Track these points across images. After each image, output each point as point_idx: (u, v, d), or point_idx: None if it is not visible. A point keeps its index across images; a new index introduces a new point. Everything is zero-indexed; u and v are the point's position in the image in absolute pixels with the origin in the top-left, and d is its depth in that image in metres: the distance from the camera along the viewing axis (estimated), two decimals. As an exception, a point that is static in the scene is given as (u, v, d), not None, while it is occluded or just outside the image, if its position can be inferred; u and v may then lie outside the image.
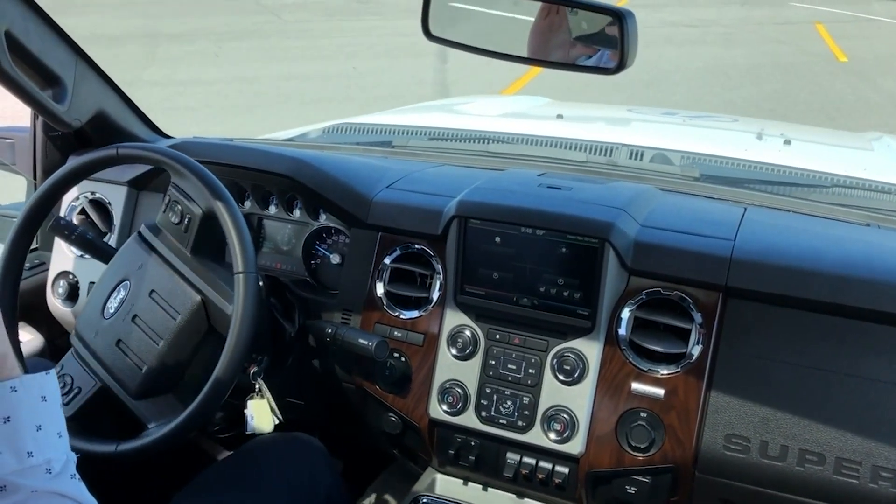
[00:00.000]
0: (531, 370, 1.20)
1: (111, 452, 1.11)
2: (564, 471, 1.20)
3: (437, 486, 1.33)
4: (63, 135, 1.53)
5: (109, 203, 1.52)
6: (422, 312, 1.28)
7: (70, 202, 1.54)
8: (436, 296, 1.27)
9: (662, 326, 1.16)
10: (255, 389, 1.24)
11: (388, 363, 1.27)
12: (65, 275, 1.52)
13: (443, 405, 1.24)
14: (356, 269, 1.33)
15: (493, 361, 1.22)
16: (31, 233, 1.28)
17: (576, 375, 1.17)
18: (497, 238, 1.19)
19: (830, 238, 1.24)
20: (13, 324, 1.27)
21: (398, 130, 2.10)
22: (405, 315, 1.29)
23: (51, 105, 1.35)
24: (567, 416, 1.17)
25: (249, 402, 1.23)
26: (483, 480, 1.30)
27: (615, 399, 1.15)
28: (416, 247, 1.30)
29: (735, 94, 6.89)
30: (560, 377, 1.18)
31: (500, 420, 1.21)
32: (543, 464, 1.21)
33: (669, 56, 8.22)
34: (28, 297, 1.48)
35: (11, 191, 1.97)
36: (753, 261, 1.13)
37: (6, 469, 0.64)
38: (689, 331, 1.14)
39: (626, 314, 1.17)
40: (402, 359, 1.27)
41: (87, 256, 1.44)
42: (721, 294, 1.13)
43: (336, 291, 1.37)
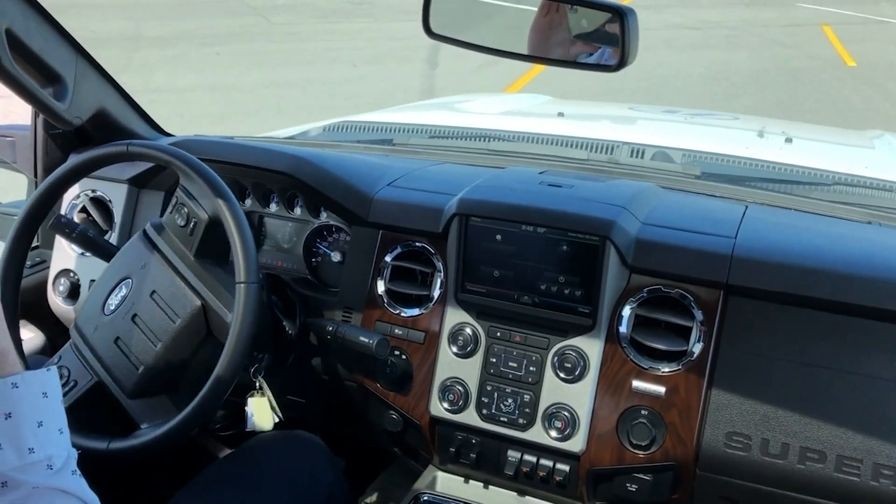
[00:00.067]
0: (532, 368, 1.20)
1: (102, 449, 1.11)
2: (565, 468, 1.20)
3: (438, 484, 1.33)
4: (64, 133, 1.53)
5: (110, 201, 1.52)
6: (423, 310, 1.28)
7: (71, 200, 1.55)
8: (437, 293, 1.27)
9: (663, 324, 1.16)
10: (256, 387, 1.24)
11: (389, 361, 1.27)
12: (66, 273, 1.53)
13: (444, 403, 1.24)
14: (357, 267, 1.33)
15: (494, 359, 1.22)
16: (32, 231, 1.28)
17: (577, 373, 1.17)
18: (498, 236, 1.19)
19: (832, 236, 1.24)
20: (14, 321, 1.27)
21: (399, 128, 2.10)
22: (406, 313, 1.29)
23: (51, 103, 1.35)
24: (568, 414, 1.17)
25: (250, 400, 1.24)
26: (484, 478, 1.30)
27: (616, 397, 1.15)
28: (417, 244, 1.30)
29: (738, 103, 6.71)
30: (561, 375, 1.18)
31: (501, 418, 1.21)
32: (544, 461, 1.21)
33: (670, 61, 7.94)
34: (29, 295, 1.48)
35: (12, 189, 1.97)
36: (754, 258, 1.13)
37: (7, 465, 0.64)
38: (690, 328, 1.14)
39: (627, 312, 1.17)
40: (403, 356, 1.27)
41: (88, 254, 1.44)
42: (722, 292, 1.13)
43: (337, 289, 1.37)
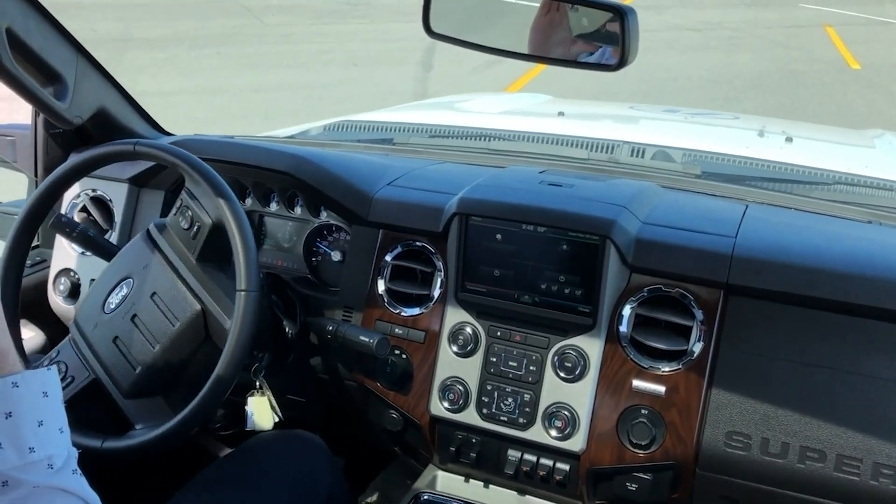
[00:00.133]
0: (532, 367, 1.20)
1: (97, 447, 1.11)
2: (565, 468, 1.20)
3: (439, 483, 1.33)
4: (64, 132, 1.53)
5: (110, 200, 1.52)
6: (423, 310, 1.28)
7: (71, 199, 1.55)
8: (437, 293, 1.27)
9: (664, 323, 1.16)
10: (256, 386, 1.24)
11: (390, 360, 1.27)
12: (66, 272, 1.53)
13: (444, 402, 1.24)
14: (357, 267, 1.33)
15: (494, 358, 1.22)
16: (33, 230, 1.28)
17: (577, 372, 1.17)
18: (498, 235, 1.19)
19: (832, 235, 1.24)
20: (15, 321, 1.27)
21: (399, 128, 2.10)
22: (406, 312, 1.29)
23: (52, 102, 1.35)
24: (568, 413, 1.17)
25: (250, 399, 1.24)
26: (484, 477, 1.30)
27: (616, 396, 1.15)
28: (418, 244, 1.30)
29: (738, 107, 6.56)
30: (561, 374, 1.18)
31: (502, 417, 1.21)
32: (544, 461, 1.21)
33: (670, 63, 7.78)
34: (29, 295, 1.48)
35: (12, 189, 1.97)
36: (755, 258, 1.13)
37: (8, 464, 0.64)
38: (691, 328, 1.14)
39: (628, 311, 1.17)
40: (404, 356, 1.28)
41: (89, 254, 1.44)
42: (722, 291, 1.13)
43: (337, 289, 1.37)
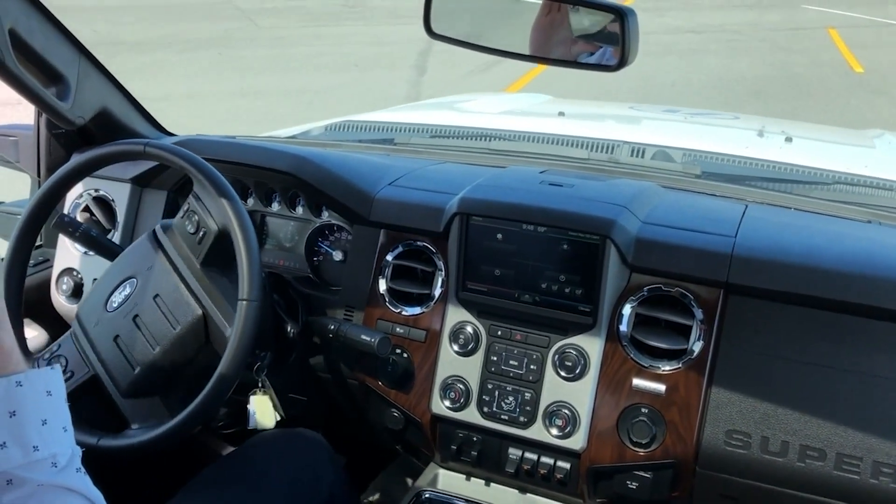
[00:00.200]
0: (533, 366, 1.20)
1: (92, 444, 1.11)
2: (566, 466, 1.20)
3: (440, 482, 1.33)
4: (67, 132, 1.53)
5: (113, 200, 1.52)
6: (424, 309, 1.28)
7: (74, 199, 1.55)
8: (438, 292, 1.28)
9: (664, 323, 1.16)
10: (258, 385, 1.25)
11: (391, 359, 1.27)
12: (69, 272, 1.53)
13: (445, 401, 1.24)
14: (359, 266, 1.34)
15: (495, 357, 1.22)
16: (36, 230, 1.28)
17: (577, 371, 1.17)
18: (499, 235, 1.20)
19: (831, 235, 1.24)
20: (18, 320, 1.27)
21: (400, 128, 2.11)
22: (407, 311, 1.29)
23: (54, 102, 1.35)
24: (568, 412, 1.17)
25: (252, 398, 1.24)
26: (485, 476, 1.31)
27: (616, 395, 1.16)
28: (419, 243, 1.30)
29: (739, 113, 6.52)
30: (561, 373, 1.19)
31: (502, 416, 1.22)
32: (545, 459, 1.21)
33: (669, 67, 7.59)
34: (32, 294, 1.49)
35: (18, 189, 1.97)
36: (754, 257, 1.13)
37: (12, 463, 0.65)
38: (691, 327, 1.14)
39: (628, 310, 1.17)
40: (405, 355, 1.28)
41: (92, 253, 1.45)
42: (722, 290, 1.13)
43: (338, 288, 1.37)
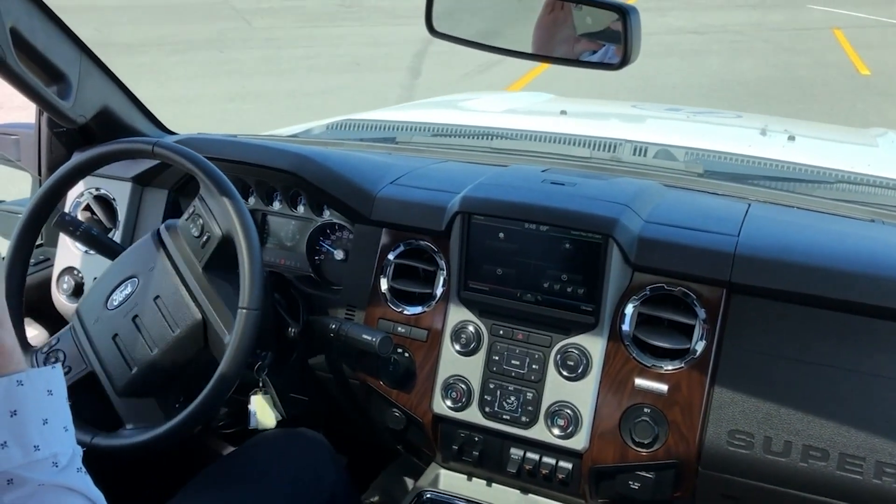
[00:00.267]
0: (535, 366, 1.20)
1: (86, 442, 1.11)
2: (568, 466, 1.20)
3: (441, 482, 1.33)
4: (68, 131, 1.53)
5: (114, 199, 1.52)
6: (425, 308, 1.28)
7: (75, 198, 1.55)
8: (439, 292, 1.27)
9: (666, 322, 1.16)
10: (259, 385, 1.25)
11: (392, 359, 1.27)
12: (70, 271, 1.53)
13: (446, 401, 1.24)
14: (360, 265, 1.33)
15: (497, 357, 1.22)
16: (37, 229, 1.28)
17: (579, 371, 1.17)
18: (501, 234, 1.20)
19: (834, 234, 1.23)
20: (19, 319, 1.27)
21: (402, 127, 2.11)
22: (409, 311, 1.29)
23: (56, 101, 1.35)
24: (570, 412, 1.17)
25: (253, 398, 1.24)
26: (487, 476, 1.31)
27: (619, 395, 1.15)
28: (420, 243, 1.30)
29: None
30: (563, 373, 1.18)
31: (504, 416, 1.21)
32: (547, 459, 1.21)
33: (670, 69, 7.46)
34: (33, 293, 1.49)
35: (16, 187, 1.97)
36: (757, 257, 1.13)
37: (13, 462, 0.64)
38: (693, 327, 1.14)
39: (630, 310, 1.17)
40: (406, 354, 1.28)
41: (92, 252, 1.45)
42: (725, 290, 1.13)
43: (340, 287, 1.37)
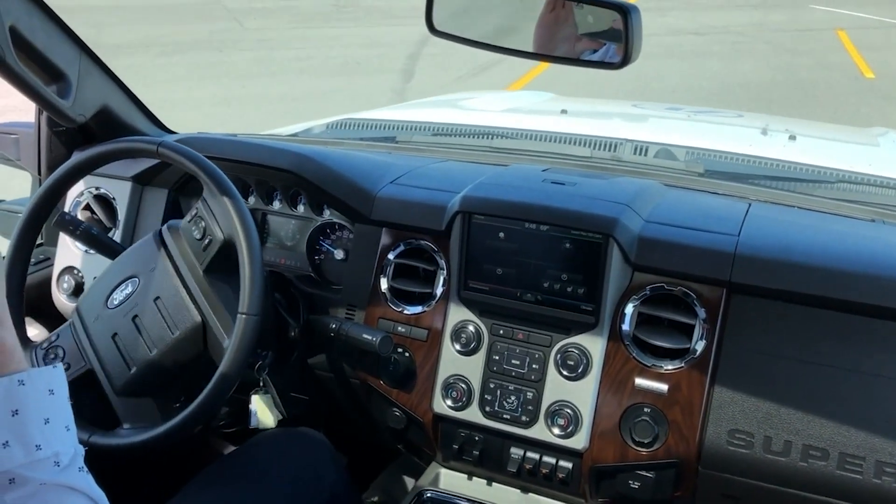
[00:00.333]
0: (535, 365, 1.20)
1: (83, 440, 1.11)
2: (568, 465, 1.20)
3: (441, 481, 1.33)
4: (67, 130, 1.53)
5: (114, 198, 1.52)
6: (426, 308, 1.28)
7: (75, 198, 1.55)
8: (439, 291, 1.27)
9: (666, 322, 1.16)
10: (260, 384, 1.25)
11: (392, 358, 1.27)
12: (70, 270, 1.53)
13: (447, 400, 1.24)
14: (360, 265, 1.33)
15: (497, 357, 1.22)
16: (37, 228, 1.28)
17: (579, 371, 1.17)
18: (501, 233, 1.20)
19: (835, 234, 1.23)
20: (20, 318, 1.27)
21: (402, 126, 2.11)
22: (409, 310, 1.29)
23: (55, 100, 1.35)
24: (571, 412, 1.17)
25: (253, 397, 1.24)
26: (487, 475, 1.31)
27: (619, 394, 1.15)
28: (420, 242, 1.30)
29: None
30: (564, 372, 1.18)
31: (504, 415, 1.21)
32: (547, 459, 1.21)
33: (669, 71, 7.27)
34: (33, 293, 1.49)
35: (18, 186, 1.97)
36: (757, 256, 1.12)
37: (15, 461, 0.64)
38: (693, 326, 1.14)
39: (630, 310, 1.17)
40: (406, 354, 1.28)
41: (92, 252, 1.45)
42: (725, 290, 1.13)
43: (340, 287, 1.37)
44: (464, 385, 1.23)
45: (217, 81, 6.96)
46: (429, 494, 1.30)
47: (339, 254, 1.41)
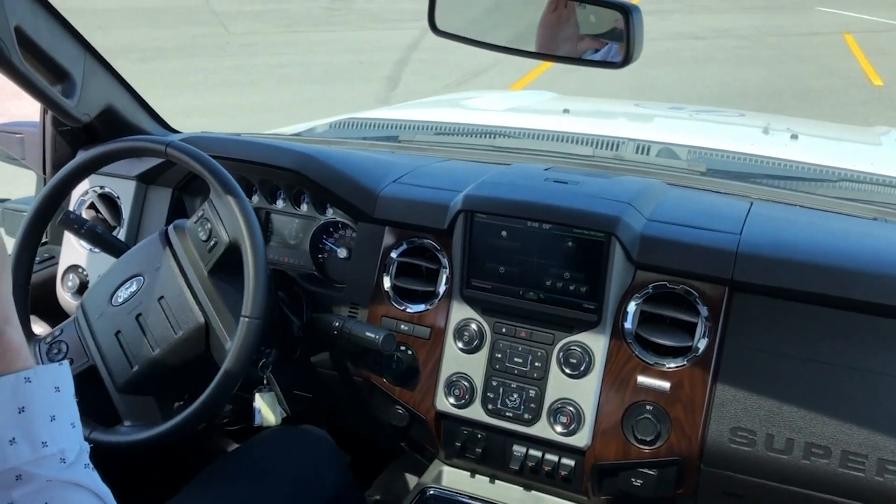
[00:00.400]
0: (537, 363, 1.20)
1: (84, 436, 1.11)
2: (570, 463, 1.20)
3: (444, 479, 1.34)
4: (72, 129, 1.54)
5: (118, 197, 1.53)
6: (428, 306, 1.28)
7: (79, 196, 1.55)
8: (442, 289, 1.28)
9: (668, 320, 1.16)
10: (263, 382, 1.25)
11: (395, 356, 1.28)
12: (74, 269, 1.54)
13: (449, 398, 1.25)
14: (363, 263, 1.34)
15: (500, 355, 1.23)
16: (42, 227, 1.28)
17: (582, 369, 1.18)
18: (503, 232, 1.20)
19: (837, 232, 1.24)
20: (25, 316, 1.28)
21: (405, 125, 2.11)
22: (412, 309, 1.29)
23: (60, 100, 1.36)
24: (573, 409, 1.17)
25: (257, 395, 1.24)
26: (490, 473, 1.31)
27: (621, 392, 1.16)
28: (423, 241, 1.30)
29: None
30: (566, 370, 1.19)
31: (507, 413, 1.22)
32: (549, 456, 1.21)
33: (668, 79, 7.06)
34: (38, 291, 1.49)
35: (20, 185, 1.98)
36: (759, 255, 1.13)
37: (21, 458, 0.65)
38: (695, 324, 1.14)
39: (632, 308, 1.17)
40: (409, 352, 1.28)
41: (97, 250, 1.45)
42: (727, 288, 1.13)
43: (343, 285, 1.37)
44: (466, 383, 1.24)
45: (192, 90, 6.69)
46: (431, 492, 1.31)
47: (343, 252, 1.42)
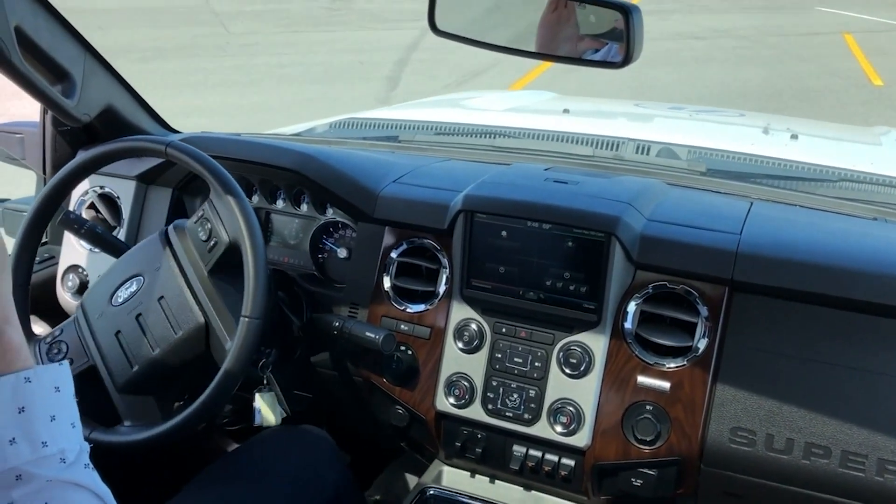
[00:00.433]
0: (537, 363, 1.20)
1: (83, 435, 1.11)
2: (570, 463, 1.20)
3: (444, 479, 1.34)
4: (72, 129, 1.54)
5: (118, 197, 1.53)
6: (428, 306, 1.28)
7: (79, 196, 1.55)
8: (442, 289, 1.28)
9: (668, 320, 1.16)
10: (264, 382, 1.25)
11: (395, 356, 1.28)
12: (74, 269, 1.54)
13: (449, 398, 1.25)
14: (363, 263, 1.34)
15: (500, 355, 1.23)
16: (42, 227, 1.28)
17: (582, 369, 1.18)
18: (503, 232, 1.20)
19: (837, 232, 1.24)
20: (25, 317, 1.28)
21: (405, 125, 2.11)
22: (412, 309, 1.29)
23: (60, 100, 1.36)
24: (573, 409, 1.17)
25: (257, 395, 1.24)
26: (490, 473, 1.31)
27: (621, 392, 1.16)
28: (423, 241, 1.30)
29: None
30: (566, 370, 1.19)
31: (507, 413, 1.22)
32: (549, 456, 1.22)
33: (668, 80, 7.02)
34: (38, 291, 1.49)
35: (21, 185, 1.98)
36: (759, 255, 1.13)
37: (21, 458, 0.65)
38: (695, 324, 1.14)
39: (632, 308, 1.17)
40: (409, 352, 1.28)
41: (97, 250, 1.45)
42: (727, 288, 1.13)
43: (343, 285, 1.37)
44: (466, 383, 1.24)
45: (192, 90, 6.69)
46: (431, 492, 1.31)
47: (343, 252, 1.42)
